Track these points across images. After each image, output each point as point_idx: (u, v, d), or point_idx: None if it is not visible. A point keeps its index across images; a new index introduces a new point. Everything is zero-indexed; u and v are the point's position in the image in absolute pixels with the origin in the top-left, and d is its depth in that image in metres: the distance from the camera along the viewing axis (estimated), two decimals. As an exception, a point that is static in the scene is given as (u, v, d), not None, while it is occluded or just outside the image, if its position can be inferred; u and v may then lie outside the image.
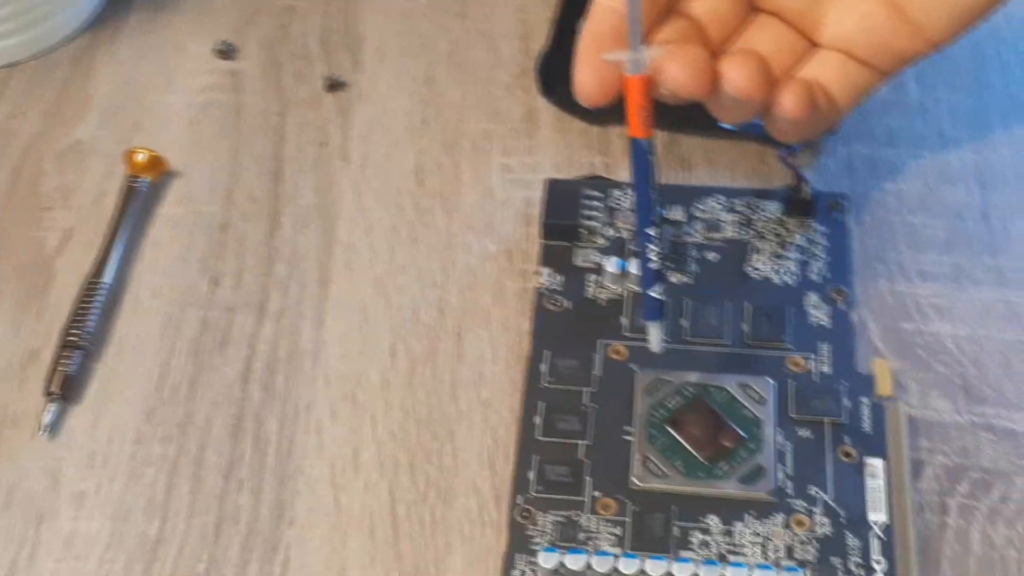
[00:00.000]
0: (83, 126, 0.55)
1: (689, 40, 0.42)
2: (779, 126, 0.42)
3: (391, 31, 0.58)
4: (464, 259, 0.50)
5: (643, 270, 0.42)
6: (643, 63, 0.39)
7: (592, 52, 0.40)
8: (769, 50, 0.42)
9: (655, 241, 0.41)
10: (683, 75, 0.39)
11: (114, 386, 0.47)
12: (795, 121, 0.41)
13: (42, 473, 0.45)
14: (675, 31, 0.42)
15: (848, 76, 0.43)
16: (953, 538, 0.43)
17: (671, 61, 0.39)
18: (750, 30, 0.43)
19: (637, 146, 0.40)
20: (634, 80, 0.39)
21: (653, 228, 0.41)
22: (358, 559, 0.43)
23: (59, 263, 0.51)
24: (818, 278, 0.48)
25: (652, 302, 0.42)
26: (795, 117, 0.41)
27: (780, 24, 0.43)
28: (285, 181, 0.53)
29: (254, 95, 0.56)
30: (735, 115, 0.42)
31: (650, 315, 0.42)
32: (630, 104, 0.39)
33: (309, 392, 0.47)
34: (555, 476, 0.43)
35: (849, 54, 0.43)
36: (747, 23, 0.43)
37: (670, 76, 0.39)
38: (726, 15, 0.43)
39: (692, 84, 0.39)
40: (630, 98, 0.39)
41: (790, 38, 0.43)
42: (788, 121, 0.41)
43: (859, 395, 0.45)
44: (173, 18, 0.59)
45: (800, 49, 0.43)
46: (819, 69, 0.43)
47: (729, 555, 0.42)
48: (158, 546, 0.43)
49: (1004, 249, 0.49)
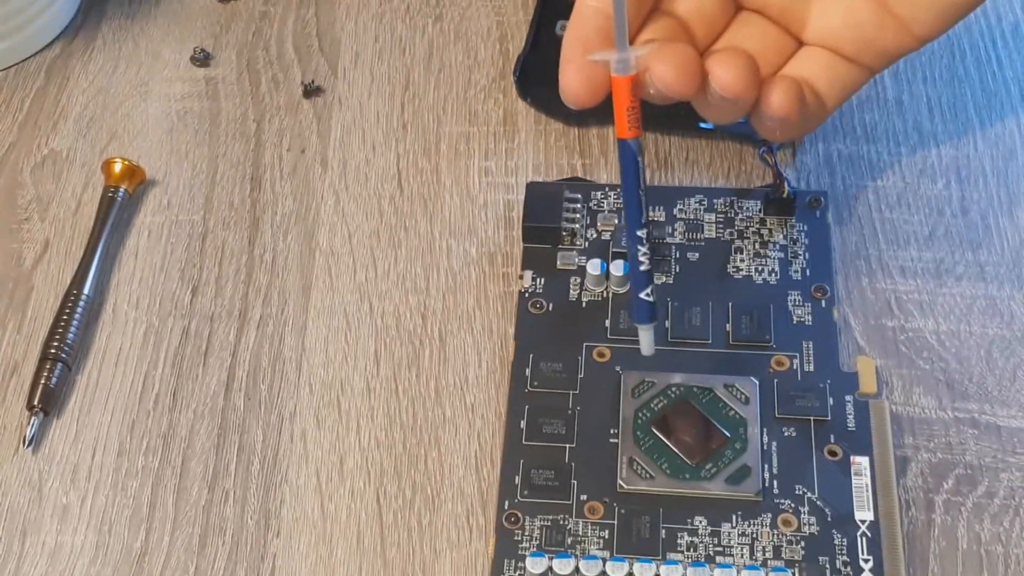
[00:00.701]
0: (59, 136, 0.55)
1: (675, 39, 0.41)
2: (767, 124, 0.42)
3: (367, 35, 0.58)
4: (446, 264, 0.50)
5: (633, 273, 0.42)
6: (630, 63, 0.39)
7: (578, 53, 0.40)
8: (755, 48, 0.42)
9: (645, 243, 0.41)
10: (671, 74, 0.39)
11: (96, 398, 0.47)
12: (783, 119, 0.41)
13: (25, 487, 0.45)
14: (660, 30, 0.41)
15: (835, 72, 0.43)
16: (939, 534, 0.43)
17: (658, 60, 0.39)
18: (735, 28, 0.43)
19: (625, 147, 0.40)
20: (621, 80, 0.39)
21: (643, 230, 0.41)
22: (345, 567, 0.43)
23: (37, 275, 0.50)
24: (800, 276, 0.48)
25: (643, 305, 0.42)
26: (783, 115, 0.41)
27: (765, 21, 0.43)
28: (264, 188, 0.53)
29: (231, 102, 0.56)
30: (722, 114, 0.41)
31: (641, 318, 0.42)
32: (617, 104, 0.39)
33: (293, 400, 0.47)
34: (541, 480, 0.43)
35: (835, 51, 0.43)
36: (732, 21, 0.43)
37: (657, 75, 0.39)
38: (711, 13, 0.42)
39: (680, 83, 0.39)
40: (617, 98, 0.39)
41: (775, 35, 0.43)
42: (776, 119, 0.41)
43: (843, 393, 0.45)
44: (147, 26, 0.59)
45: (786, 46, 0.43)
46: (805, 66, 0.43)
47: (717, 556, 0.42)
48: (143, 558, 0.43)
49: (984, 244, 0.50)
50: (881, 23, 0.42)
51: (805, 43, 0.43)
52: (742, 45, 0.42)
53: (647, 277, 0.41)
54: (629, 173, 0.40)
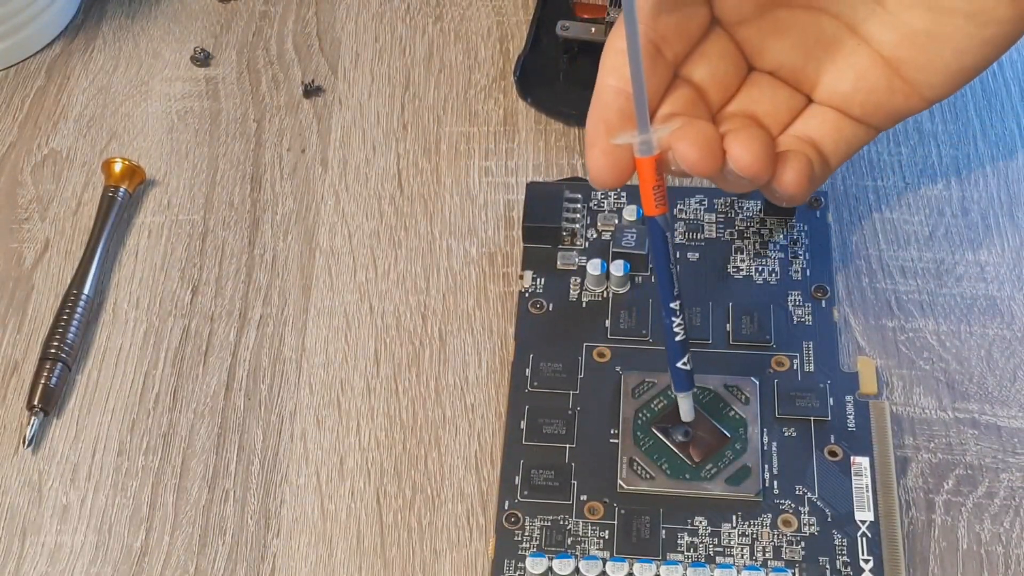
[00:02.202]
0: (59, 136, 0.55)
1: (693, 109, 0.41)
2: (777, 196, 0.42)
3: (367, 35, 0.58)
4: (446, 264, 0.50)
5: (668, 344, 0.42)
6: (653, 144, 0.39)
7: (601, 136, 0.40)
8: (766, 108, 0.42)
9: (678, 315, 0.41)
10: (694, 154, 0.39)
11: (96, 398, 0.47)
12: (794, 196, 0.41)
13: (25, 487, 0.45)
14: (679, 100, 0.41)
15: (841, 133, 0.43)
16: (939, 534, 0.43)
17: (681, 140, 0.39)
18: (747, 89, 0.43)
19: (654, 224, 0.40)
20: (645, 161, 0.39)
21: (675, 302, 0.41)
22: (345, 567, 0.43)
23: (37, 275, 0.50)
24: (800, 276, 0.48)
25: (680, 374, 0.42)
26: (795, 192, 0.41)
27: (776, 82, 0.43)
28: (264, 188, 0.53)
29: (231, 101, 0.56)
30: (736, 187, 0.42)
31: (681, 387, 0.43)
32: (643, 184, 0.39)
33: (293, 400, 0.47)
34: (541, 480, 0.43)
35: (844, 112, 0.43)
36: (744, 82, 0.43)
37: (681, 155, 0.39)
38: (725, 77, 0.42)
39: (703, 163, 0.39)
40: (643, 178, 0.39)
41: (786, 95, 0.43)
42: (787, 196, 0.41)
43: (843, 393, 0.45)
44: (147, 26, 0.59)
45: (795, 106, 0.43)
46: (812, 125, 0.43)
47: (717, 557, 0.42)
48: (143, 558, 0.43)
49: (984, 244, 0.50)
50: (891, 87, 0.42)
51: (814, 101, 0.43)
52: (754, 106, 0.42)
53: (683, 347, 0.42)
54: (659, 249, 0.40)
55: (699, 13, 0.41)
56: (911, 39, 0.41)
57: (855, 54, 0.42)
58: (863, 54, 0.42)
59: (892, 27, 0.41)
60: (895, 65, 0.42)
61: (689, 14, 0.41)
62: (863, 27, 0.42)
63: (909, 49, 0.41)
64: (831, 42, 0.42)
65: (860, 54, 0.42)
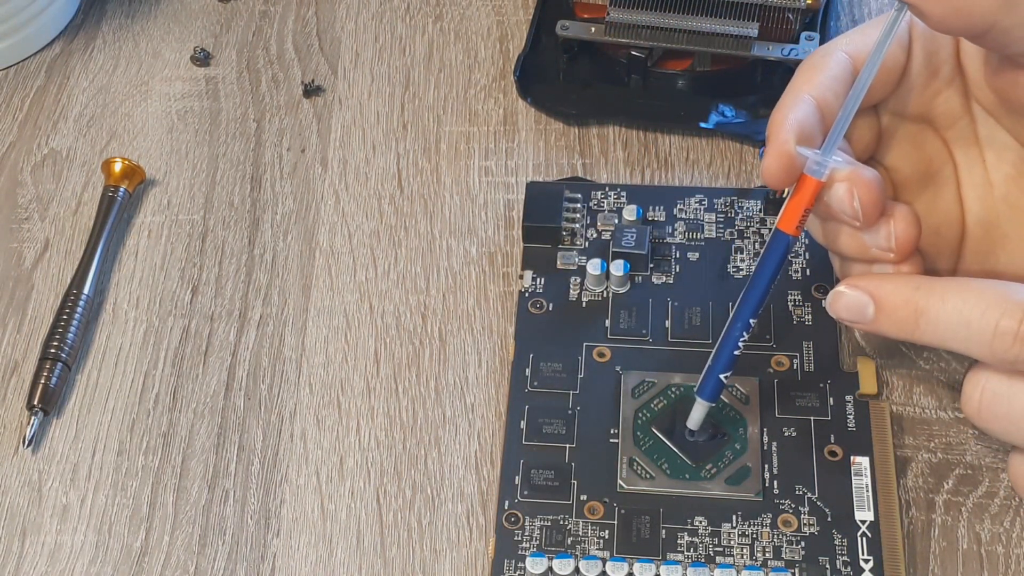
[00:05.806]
0: (59, 136, 0.55)
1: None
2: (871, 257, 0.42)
3: (367, 34, 0.58)
4: (446, 263, 0.50)
5: (723, 354, 0.42)
6: (826, 171, 0.39)
7: (787, 138, 0.40)
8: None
9: (748, 332, 0.41)
10: (852, 204, 0.39)
11: (96, 398, 0.47)
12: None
13: (25, 487, 0.45)
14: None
15: None
16: (939, 534, 0.43)
17: (850, 182, 0.39)
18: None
19: (782, 240, 0.40)
20: (811, 181, 0.39)
21: (754, 319, 0.41)
22: (345, 567, 0.43)
23: (37, 275, 0.50)
24: (799, 276, 0.48)
25: (717, 385, 0.42)
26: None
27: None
28: (264, 188, 0.53)
29: (231, 101, 0.56)
30: (848, 251, 0.41)
31: (710, 396, 0.42)
32: (796, 200, 0.40)
33: (293, 400, 0.47)
34: (541, 480, 0.43)
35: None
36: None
37: (837, 197, 0.39)
38: (909, 172, 0.44)
39: (861, 215, 0.39)
40: (798, 195, 0.40)
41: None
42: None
43: (843, 393, 0.45)
44: (147, 25, 0.59)
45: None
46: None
47: (717, 557, 0.42)
48: (143, 558, 0.43)
49: (984, 244, 0.49)
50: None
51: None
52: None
53: (733, 362, 0.42)
54: (771, 265, 0.41)
55: (947, 97, 0.43)
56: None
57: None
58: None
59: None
60: None
61: (937, 90, 0.43)
62: None
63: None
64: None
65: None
